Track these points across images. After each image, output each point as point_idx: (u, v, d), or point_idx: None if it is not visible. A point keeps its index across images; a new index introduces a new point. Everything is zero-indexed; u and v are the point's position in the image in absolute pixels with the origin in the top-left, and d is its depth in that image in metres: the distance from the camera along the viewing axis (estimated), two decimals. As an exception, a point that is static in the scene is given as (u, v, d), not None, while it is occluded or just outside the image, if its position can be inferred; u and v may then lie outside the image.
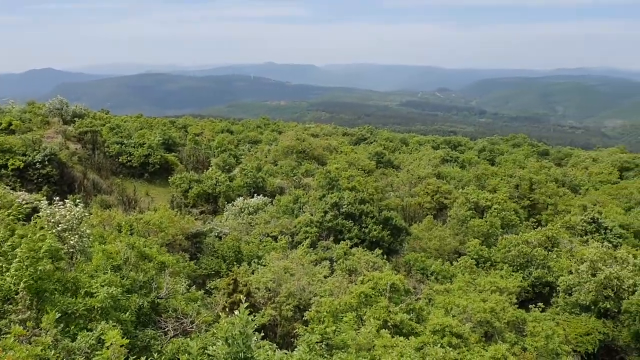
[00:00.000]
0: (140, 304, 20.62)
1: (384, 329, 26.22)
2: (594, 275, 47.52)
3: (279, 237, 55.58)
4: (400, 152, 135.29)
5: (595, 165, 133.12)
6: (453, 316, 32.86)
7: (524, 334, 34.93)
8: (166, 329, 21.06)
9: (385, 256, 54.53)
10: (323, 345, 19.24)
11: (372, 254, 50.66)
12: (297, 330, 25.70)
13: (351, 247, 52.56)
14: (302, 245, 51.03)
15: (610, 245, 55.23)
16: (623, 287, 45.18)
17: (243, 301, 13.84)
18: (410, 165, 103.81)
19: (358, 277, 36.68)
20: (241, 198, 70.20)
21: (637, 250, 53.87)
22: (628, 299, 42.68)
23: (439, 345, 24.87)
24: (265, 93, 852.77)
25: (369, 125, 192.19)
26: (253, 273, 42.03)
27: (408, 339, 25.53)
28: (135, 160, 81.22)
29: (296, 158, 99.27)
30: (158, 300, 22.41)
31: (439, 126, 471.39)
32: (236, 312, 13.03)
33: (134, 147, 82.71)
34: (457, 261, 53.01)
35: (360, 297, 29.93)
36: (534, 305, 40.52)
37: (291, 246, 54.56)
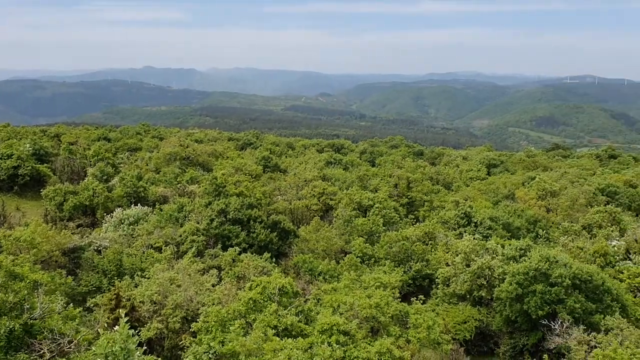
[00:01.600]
0: (10, 327, 19.19)
1: (273, 333, 26.33)
2: (468, 266, 51.08)
3: (164, 247, 53.87)
4: (286, 156, 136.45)
5: (465, 163, 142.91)
6: (341, 314, 33.73)
7: (408, 326, 36.67)
8: (41, 352, 19.78)
9: (274, 260, 54.71)
10: (211, 356, 18.99)
11: (261, 258, 50.69)
12: (182, 342, 25.11)
13: (239, 253, 52.20)
14: (188, 255, 49.88)
15: (481, 237, 59.67)
16: (494, 275, 48.95)
17: (123, 316, 13.30)
18: (296, 168, 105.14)
19: (247, 283, 36.52)
20: (120, 209, 67.23)
21: (505, 240, 58.52)
22: (499, 286, 46.25)
23: (327, 344, 25.42)
24: (145, 98, 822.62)
25: (255, 130, 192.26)
26: (137, 286, 40.45)
27: (297, 341, 25.84)
28: (2, 173, 75.18)
29: (180, 165, 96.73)
30: (31, 321, 20.98)
31: (323, 130, 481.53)
32: (116, 328, 12.51)
33: (0, 158, 76.63)
34: (344, 260, 54.46)
35: (249, 303, 29.83)
36: (415, 298, 42.61)
37: (177, 256, 53.08)
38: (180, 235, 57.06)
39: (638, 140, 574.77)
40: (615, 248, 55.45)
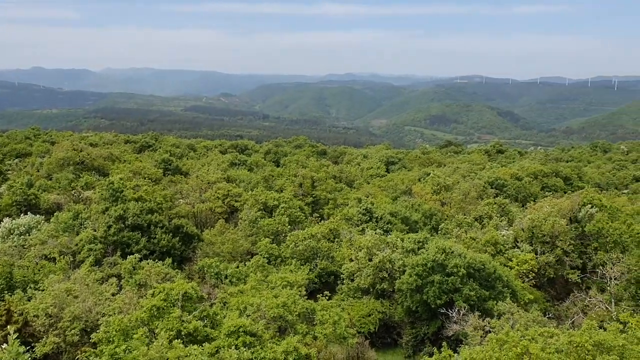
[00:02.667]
0: None
1: (177, 340, 25.77)
2: (370, 260, 52.72)
3: (59, 257, 50.94)
4: (188, 158, 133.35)
5: (366, 161, 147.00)
6: (248, 316, 33.61)
7: (314, 323, 37.22)
8: None
9: (177, 265, 53.50)
10: (113, 366, 18.30)
11: (163, 264, 49.35)
12: (79, 356, 23.96)
13: (140, 260, 50.46)
14: (86, 264, 47.56)
15: (382, 232, 61.74)
16: (395, 268, 50.86)
17: (12, 333, 12.52)
18: (199, 170, 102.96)
19: (149, 290, 35.42)
20: (8, 218, 62.77)
21: (404, 234, 60.91)
22: (400, 278, 48.13)
23: (233, 347, 25.25)
24: (34, 101, 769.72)
25: (154, 132, 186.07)
26: (30, 300, 38.07)
27: (203, 346, 25.47)
28: None
29: (74, 170, 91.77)
30: None
31: (226, 130, 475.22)
32: (4, 346, 11.75)
33: None
34: (250, 261, 54.23)
35: (152, 311, 28.97)
36: (321, 294, 43.30)
37: (73, 266, 50.52)
38: (77, 244, 54.30)
39: (522, 135, 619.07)
40: (505, 237, 59.39)
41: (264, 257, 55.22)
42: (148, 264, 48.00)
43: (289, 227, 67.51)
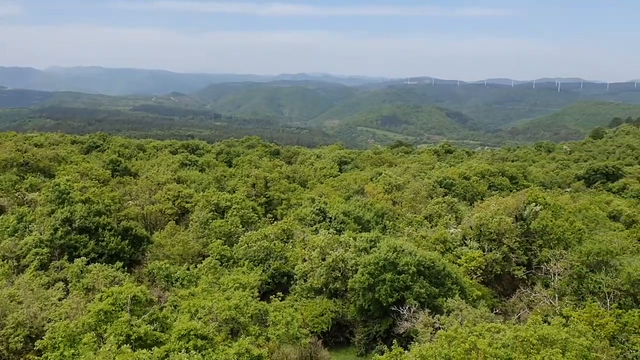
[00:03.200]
0: None
1: (126, 344, 25.26)
2: (323, 259, 52.98)
3: (1, 262, 49.03)
4: (137, 159, 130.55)
5: (319, 161, 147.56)
6: (199, 319, 33.24)
7: (267, 324, 37.14)
8: None
9: (126, 268, 52.30)
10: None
11: (112, 267, 48.22)
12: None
13: (88, 263, 49.14)
14: (30, 269, 45.95)
15: (335, 231, 62.13)
16: (348, 267, 51.32)
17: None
18: (148, 171, 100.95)
19: (96, 294, 34.53)
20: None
21: (356, 233, 61.48)
22: (352, 277, 48.57)
23: (184, 350, 24.94)
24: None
25: (101, 132, 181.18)
26: (-32, 308, 36.44)
27: (152, 350, 25.04)
28: None
29: (17, 172, 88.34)
30: None
31: (177, 130, 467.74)
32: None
33: None
34: (202, 263, 53.62)
35: (100, 315, 28.28)
36: (274, 295, 43.24)
37: (17, 271, 48.71)
38: (21, 248, 52.33)
39: (470, 136, 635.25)
40: (453, 235, 60.81)
41: (215, 259, 54.72)
42: (96, 267, 46.78)
43: (242, 228, 67.13)
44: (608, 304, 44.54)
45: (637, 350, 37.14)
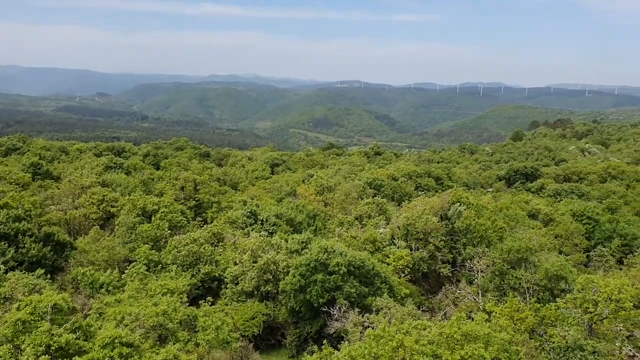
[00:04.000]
0: None
1: (46, 355, 24.13)
2: (255, 262, 52.72)
3: None
4: (60, 162, 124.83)
5: (251, 163, 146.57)
6: (125, 326, 32.24)
7: (197, 329, 36.52)
8: None
9: (49, 276, 49.99)
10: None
11: (33, 275, 45.92)
12: None
13: (6, 271, 46.53)
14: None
15: (267, 234, 61.99)
16: (279, 269, 51.29)
17: None
18: (72, 175, 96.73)
19: (14, 303, 32.76)
20: None
21: (288, 235, 61.55)
22: (283, 279, 48.61)
23: (108, 359, 24.13)
24: None
25: (21, 134, 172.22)
26: None
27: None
28: None
29: None
30: None
31: (102, 132, 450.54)
32: None
33: None
34: (128, 269, 52.04)
35: (16, 325, 26.85)
36: (203, 300, 42.59)
37: None
38: None
39: (399, 138, 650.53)
40: (382, 235, 62.06)
41: (142, 264, 53.21)
42: (14, 275, 44.37)
43: (170, 232, 65.57)
44: (527, 299, 46.86)
45: (554, 342, 39.24)
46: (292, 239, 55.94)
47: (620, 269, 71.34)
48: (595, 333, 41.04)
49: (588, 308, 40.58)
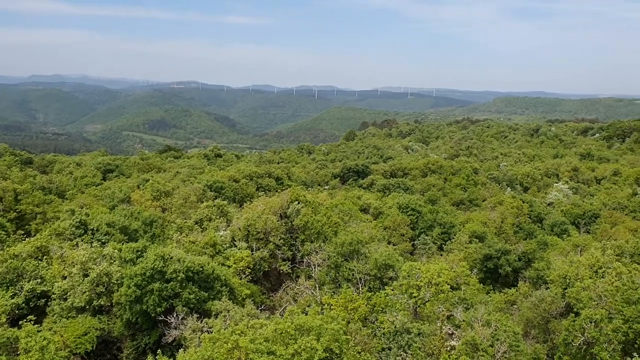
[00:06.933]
0: None
1: None
2: (86, 275, 49.46)
3: None
4: None
5: (79, 169, 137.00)
6: None
7: (18, 352, 33.45)
8: None
9: None
10: None
11: None
12: None
13: None
14: None
15: (99, 244, 58.42)
16: (113, 281, 48.73)
17: None
18: None
19: None
20: None
21: (122, 244, 58.62)
22: (118, 291, 46.29)
23: None
24: None
25: None
26: None
27: None
28: None
29: None
30: None
31: None
32: None
33: None
34: None
35: None
36: (25, 320, 39.02)
37: None
38: None
39: (239, 140, 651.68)
40: (223, 237, 61.97)
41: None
42: None
43: (-15, 248, 59.02)
44: (360, 289, 49.97)
45: (384, 328, 42.34)
46: (127, 248, 53.48)
47: (441, 255, 79.28)
48: (420, 315, 45.05)
49: (412, 293, 44.46)
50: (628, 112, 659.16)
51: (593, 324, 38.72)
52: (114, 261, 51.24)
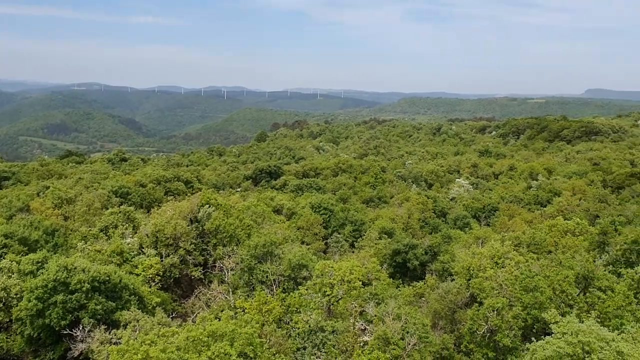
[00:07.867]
0: None
1: None
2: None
3: None
4: None
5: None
6: None
7: None
8: None
9: None
10: None
11: None
12: None
13: None
14: None
15: (-7, 257, 54.50)
16: (11, 295, 45.78)
17: None
18: None
19: None
20: None
21: (21, 257, 55.06)
22: (17, 306, 43.51)
23: None
24: None
25: None
26: None
27: None
28: None
29: None
30: None
31: None
32: None
33: None
34: None
35: None
36: None
37: None
38: None
39: (146, 143, 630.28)
40: (130, 245, 59.78)
41: None
42: None
43: None
44: (274, 290, 50.05)
45: (299, 328, 42.70)
46: (26, 260, 50.35)
47: (353, 252, 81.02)
48: (334, 313, 45.91)
49: (326, 291, 45.22)
50: (522, 111, 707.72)
51: (495, 312, 41.25)
52: (12, 274, 48.14)
